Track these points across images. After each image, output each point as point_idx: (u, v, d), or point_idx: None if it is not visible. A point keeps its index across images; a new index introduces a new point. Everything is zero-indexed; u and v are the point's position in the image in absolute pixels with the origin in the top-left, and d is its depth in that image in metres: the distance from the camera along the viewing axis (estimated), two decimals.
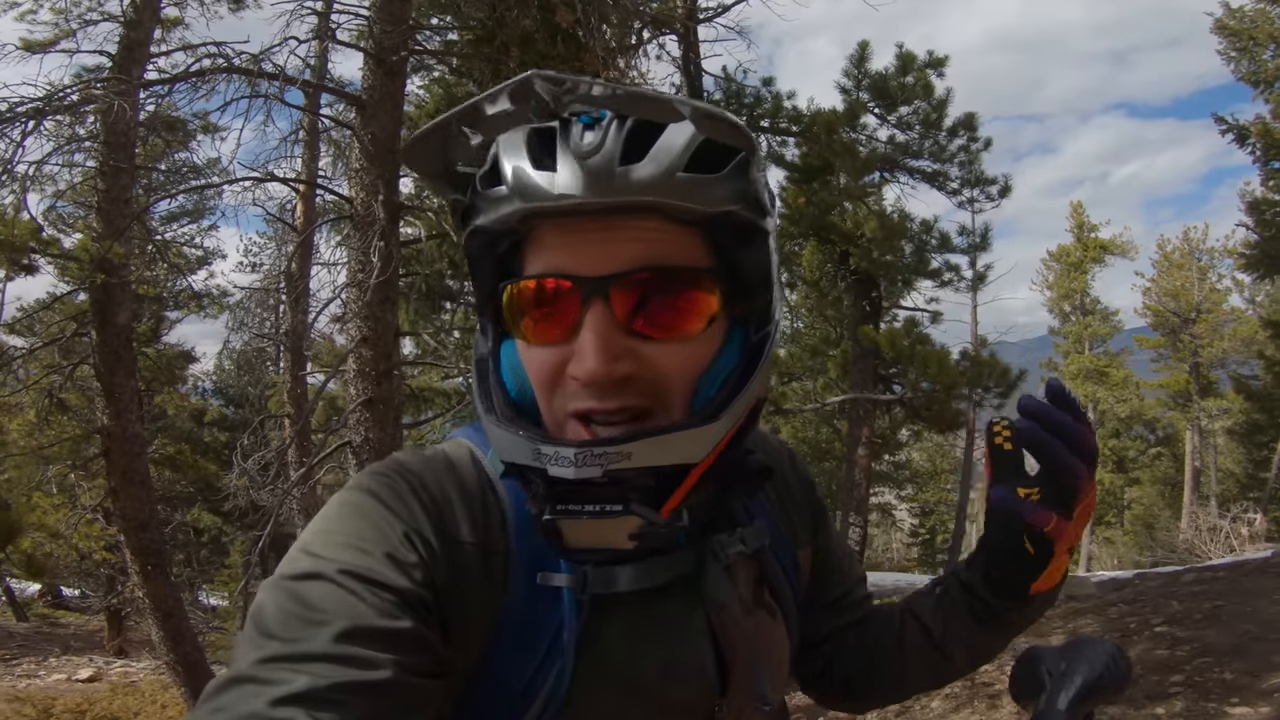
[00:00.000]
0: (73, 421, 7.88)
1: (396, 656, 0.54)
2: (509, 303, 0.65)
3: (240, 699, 0.51)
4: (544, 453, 0.60)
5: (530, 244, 0.65)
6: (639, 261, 0.61)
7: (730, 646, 0.73)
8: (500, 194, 0.61)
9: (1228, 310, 22.97)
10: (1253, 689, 3.96)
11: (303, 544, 0.61)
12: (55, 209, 7.60)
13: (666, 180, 0.59)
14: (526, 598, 0.65)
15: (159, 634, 6.72)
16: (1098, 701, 0.80)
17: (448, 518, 0.64)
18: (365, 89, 5.71)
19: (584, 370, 0.60)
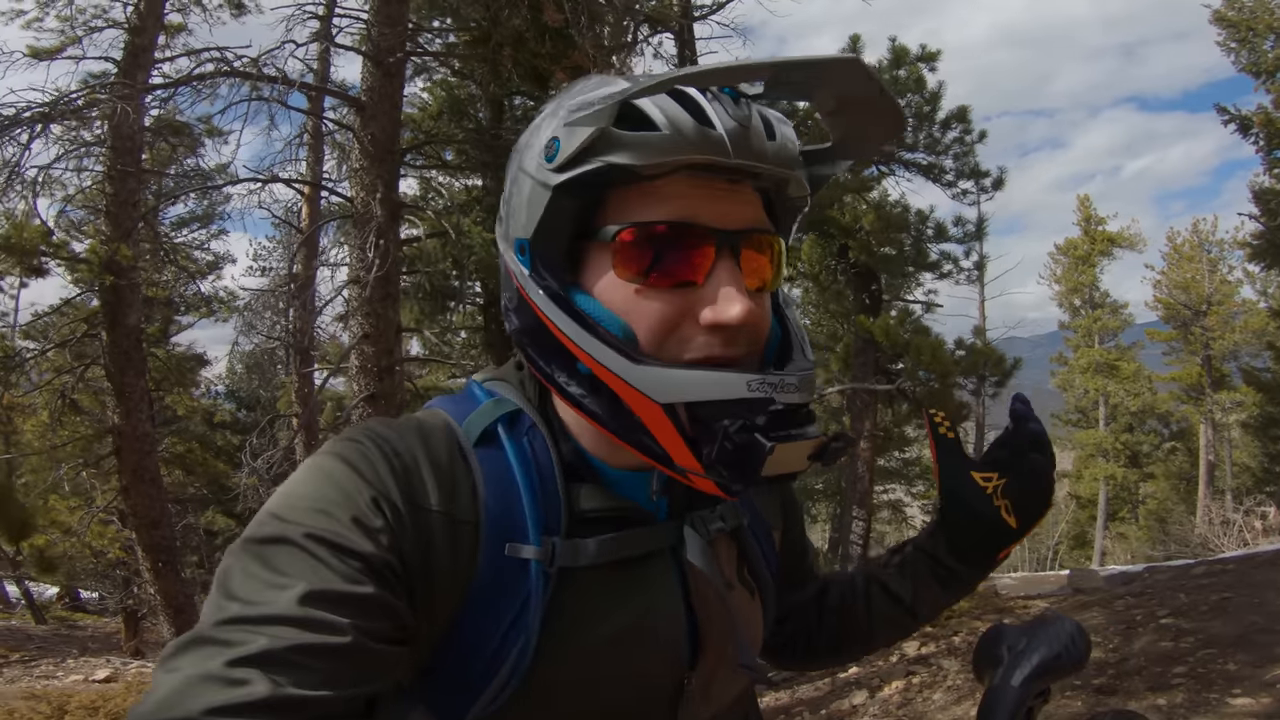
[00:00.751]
0: (85, 421, 7.98)
1: (359, 621, 0.55)
2: (628, 245, 0.65)
3: (197, 659, 0.51)
4: (770, 381, 0.63)
5: (643, 192, 0.65)
6: (753, 222, 0.67)
7: (707, 619, 0.74)
8: (662, 139, 0.62)
9: (1239, 302, 22.71)
10: (1255, 680, 3.92)
11: (270, 508, 0.61)
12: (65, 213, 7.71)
13: (795, 160, 0.68)
14: (494, 568, 0.66)
15: (171, 630, 6.83)
16: (1053, 679, 0.82)
17: (417, 485, 0.64)
18: (365, 90, 5.79)
19: (735, 313, 0.63)
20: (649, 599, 0.72)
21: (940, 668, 5.44)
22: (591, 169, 0.63)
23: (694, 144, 0.62)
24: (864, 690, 5.36)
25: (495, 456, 0.69)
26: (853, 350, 9.87)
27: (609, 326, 0.65)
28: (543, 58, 5.12)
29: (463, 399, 0.76)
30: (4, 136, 4.39)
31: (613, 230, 0.65)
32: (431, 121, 9.30)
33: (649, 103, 0.63)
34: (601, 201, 0.66)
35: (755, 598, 0.82)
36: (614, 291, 0.66)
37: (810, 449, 0.63)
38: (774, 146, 0.65)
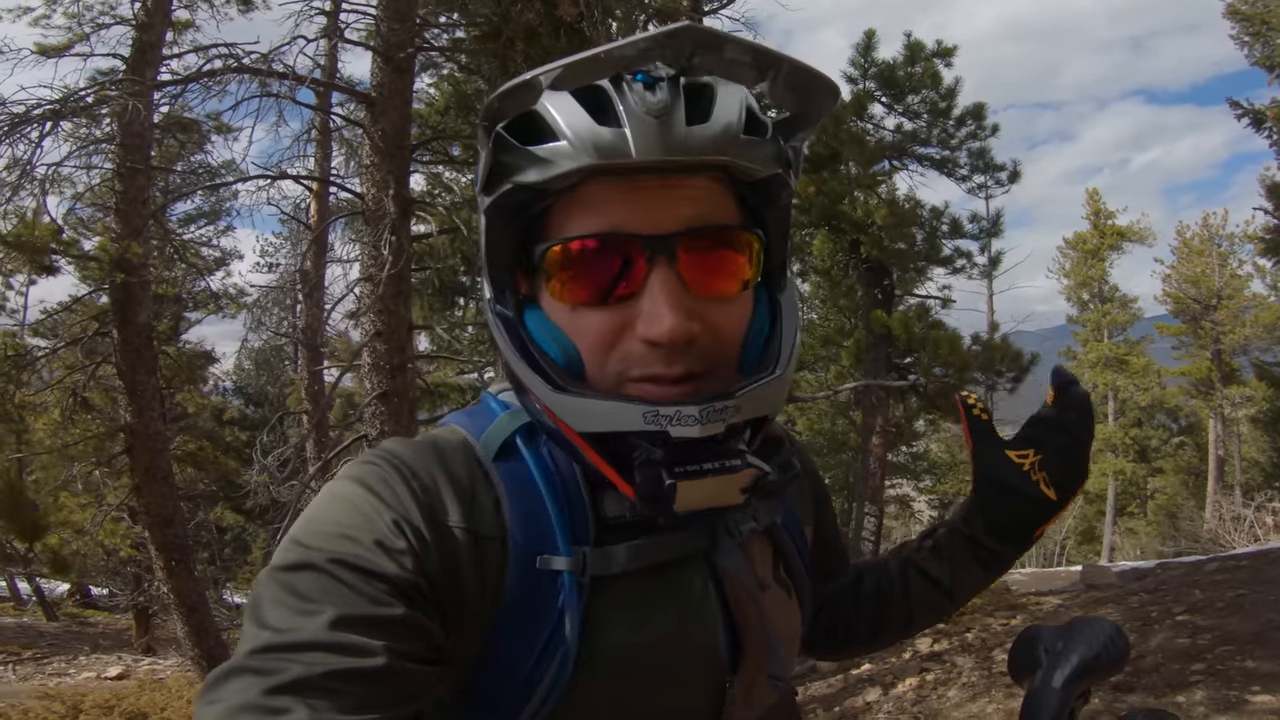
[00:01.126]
0: (96, 420, 8.01)
1: (390, 643, 0.54)
2: (555, 263, 0.63)
3: (236, 690, 0.51)
4: (664, 414, 0.59)
5: (573, 203, 0.62)
6: (696, 220, 0.62)
7: (744, 622, 0.72)
8: (559, 150, 0.59)
9: (1249, 296, 22.60)
10: (1276, 677, 3.92)
11: (293, 535, 0.61)
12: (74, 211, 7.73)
13: (733, 141, 0.60)
14: (526, 582, 0.64)
15: (183, 629, 6.87)
16: (1093, 680, 0.81)
17: (438, 504, 0.63)
18: (374, 86, 5.76)
19: (661, 330, 0.60)
20: (684, 604, 0.70)
21: (954, 664, 5.44)
22: (505, 190, 0.62)
23: (592, 148, 0.58)
24: (878, 687, 5.35)
25: (517, 469, 0.68)
26: (864, 346, 9.84)
27: (553, 347, 0.65)
28: (555, 53, 5.07)
29: (478, 412, 0.74)
30: (15, 134, 4.39)
31: (541, 250, 0.63)
32: (438, 117, 9.30)
33: (552, 109, 0.60)
34: (542, 216, 0.64)
35: (792, 596, 0.81)
36: (557, 311, 0.65)
37: (740, 482, 0.61)
38: (702, 132, 0.59)
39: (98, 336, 6.99)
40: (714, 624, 0.72)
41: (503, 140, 0.62)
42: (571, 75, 0.58)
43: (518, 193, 0.62)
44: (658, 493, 0.60)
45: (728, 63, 0.60)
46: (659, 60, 0.59)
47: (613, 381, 0.64)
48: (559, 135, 0.59)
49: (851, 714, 5.09)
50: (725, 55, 0.59)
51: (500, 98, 0.59)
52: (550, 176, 0.59)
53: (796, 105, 0.65)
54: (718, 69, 0.61)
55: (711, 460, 0.60)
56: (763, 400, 0.64)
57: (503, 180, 0.62)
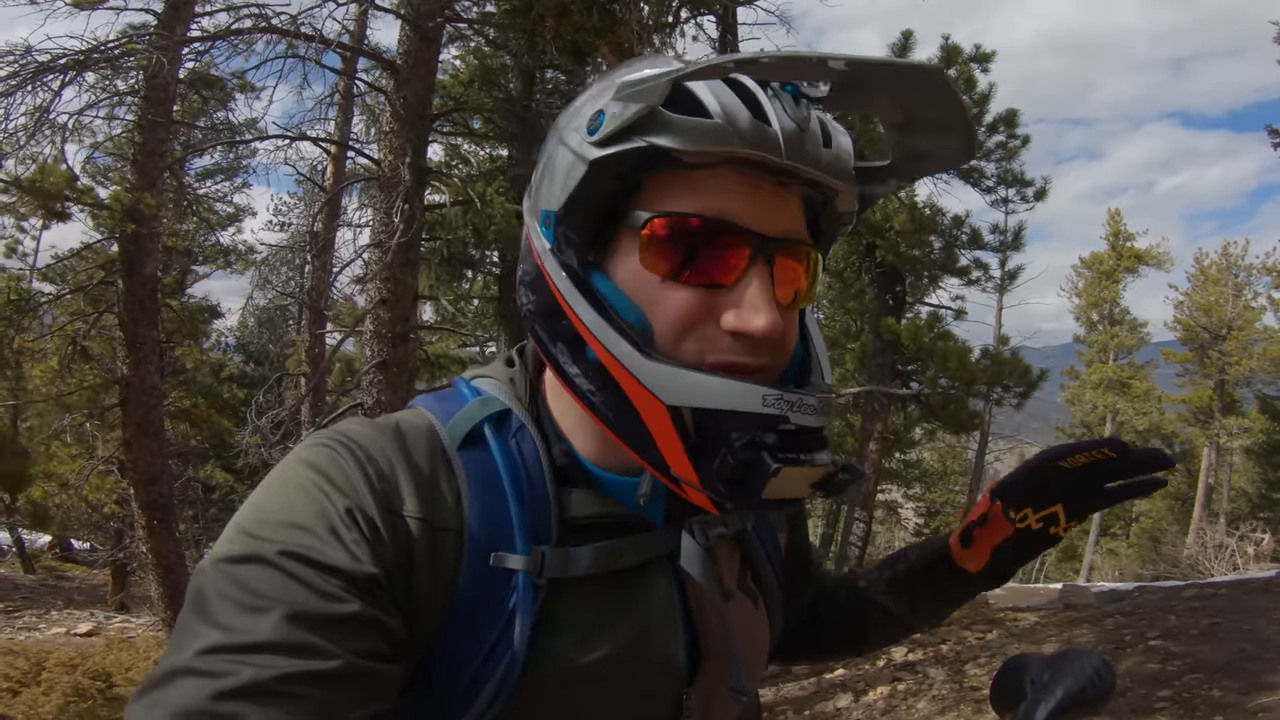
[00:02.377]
0: (94, 370, 8.00)
1: (347, 642, 0.52)
2: (659, 233, 0.61)
3: (180, 693, 0.48)
4: (788, 399, 0.59)
5: (684, 181, 0.61)
6: (793, 232, 0.64)
7: (706, 631, 0.71)
8: (710, 124, 0.58)
9: (1260, 329, 22.54)
10: (1240, 707, 3.95)
11: (239, 523, 0.58)
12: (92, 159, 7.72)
13: (848, 171, 0.64)
14: (478, 579, 0.62)
15: (159, 590, 6.79)
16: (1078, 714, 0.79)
17: (394, 493, 0.60)
18: (401, 54, 5.76)
19: (761, 323, 0.60)
20: (645, 611, 0.69)
21: (926, 675, 5.50)
22: (633, 147, 0.60)
23: (745, 137, 0.58)
24: (849, 693, 5.42)
25: (481, 459, 0.65)
26: (870, 351, 9.83)
27: (626, 316, 0.62)
28: (587, 31, 5.04)
29: (448, 397, 0.72)
30: (36, 82, 4.40)
31: (644, 217, 0.61)
32: (461, 89, 9.26)
33: (704, 88, 0.60)
34: (639, 184, 0.62)
35: (759, 606, 0.80)
36: (637, 281, 0.63)
37: (816, 477, 0.61)
38: (829, 155, 0.62)
39: (103, 285, 6.99)
40: (675, 633, 0.70)
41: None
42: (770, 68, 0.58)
43: (648, 153, 0.60)
44: (755, 477, 0.58)
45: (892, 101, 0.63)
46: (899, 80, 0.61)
47: (685, 361, 0.62)
48: (711, 114, 0.59)
49: (822, 718, 5.16)
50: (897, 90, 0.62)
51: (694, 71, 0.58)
52: (695, 149, 0.59)
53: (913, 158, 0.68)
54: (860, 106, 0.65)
55: (809, 452, 0.60)
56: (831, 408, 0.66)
57: (635, 136, 0.60)
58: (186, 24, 5.42)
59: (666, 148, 0.59)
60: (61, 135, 5.39)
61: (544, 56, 7.83)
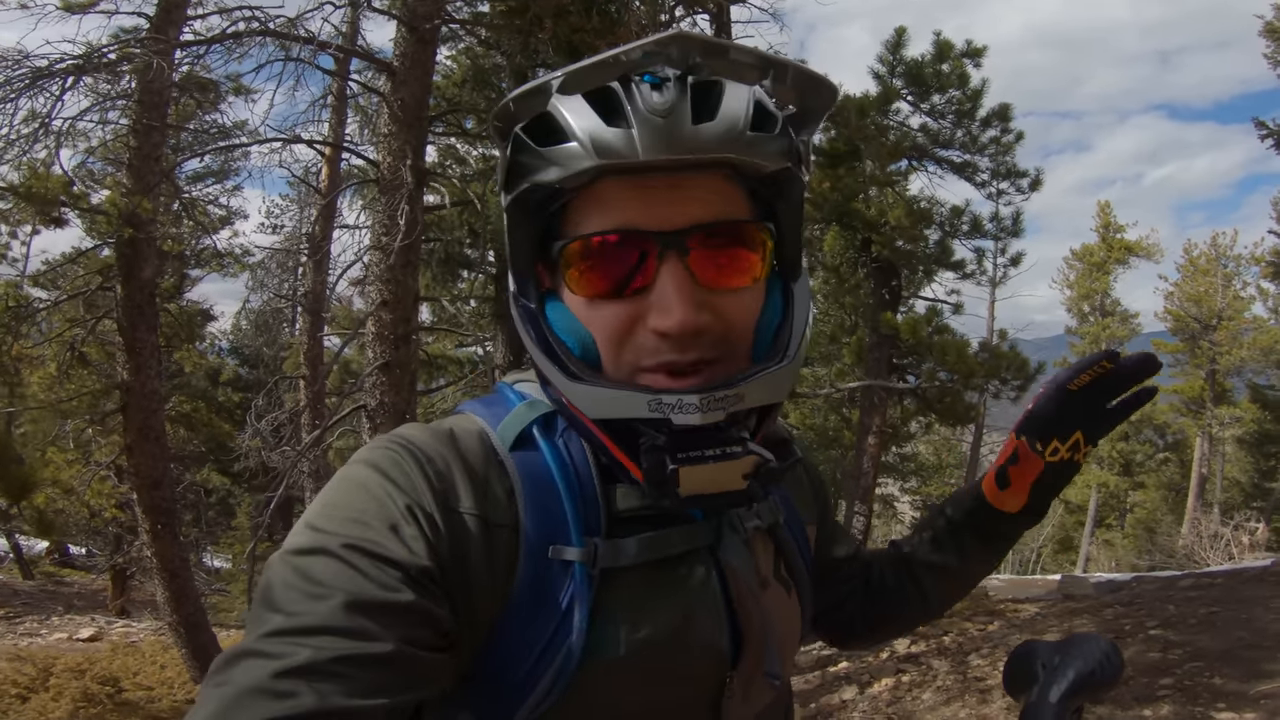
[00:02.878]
0: (93, 376, 7.95)
1: (399, 629, 0.55)
2: (572, 258, 0.65)
3: (244, 672, 0.52)
4: (666, 402, 0.62)
5: (588, 200, 0.64)
6: (706, 216, 0.64)
7: (746, 618, 0.74)
8: (571, 151, 0.61)
9: (1249, 319, 22.69)
10: (1241, 695, 4.00)
11: (307, 519, 0.62)
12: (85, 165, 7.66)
13: (738, 138, 0.62)
14: (536, 572, 0.65)
15: (164, 594, 6.77)
16: (1089, 696, 0.82)
17: (451, 491, 0.64)
18: (397, 56, 5.75)
19: (672, 321, 0.62)
20: (690, 598, 0.71)
21: (930, 667, 5.55)
22: (522, 189, 0.64)
23: (604, 149, 0.60)
24: (854, 685, 5.46)
25: (532, 459, 0.69)
26: (867, 345, 9.86)
27: (571, 338, 0.67)
28: (585, 32, 5.04)
29: (494, 402, 0.76)
30: (35, 88, 4.38)
31: (559, 246, 0.66)
32: (455, 89, 9.23)
33: (564, 110, 0.62)
34: (561, 213, 0.66)
35: (791, 594, 0.83)
36: (575, 303, 0.67)
37: (743, 469, 0.63)
38: (710, 129, 0.61)
39: (100, 291, 6.95)
40: (717, 619, 0.73)
41: (519, 141, 0.65)
42: (578, 80, 0.61)
43: (535, 191, 0.64)
44: (661, 476, 0.62)
45: (732, 64, 0.63)
46: (664, 63, 0.62)
47: (627, 371, 0.66)
48: (570, 136, 0.61)
49: (827, 711, 5.19)
50: (729, 58, 0.62)
51: (514, 101, 0.63)
52: (564, 176, 0.62)
53: (800, 103, 0.69)
54: (723, 71, 0.63)
55: (714, 446, 0.63)
56: (768, 388, 0.66)
57: (521, 179, 0.65)
58: (179, 27, 5.39)
59: (542, 182, 0.63)
60: (56, 141, 5.36)
61: (537, 56, 7.83)
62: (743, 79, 0.64)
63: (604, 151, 0.60)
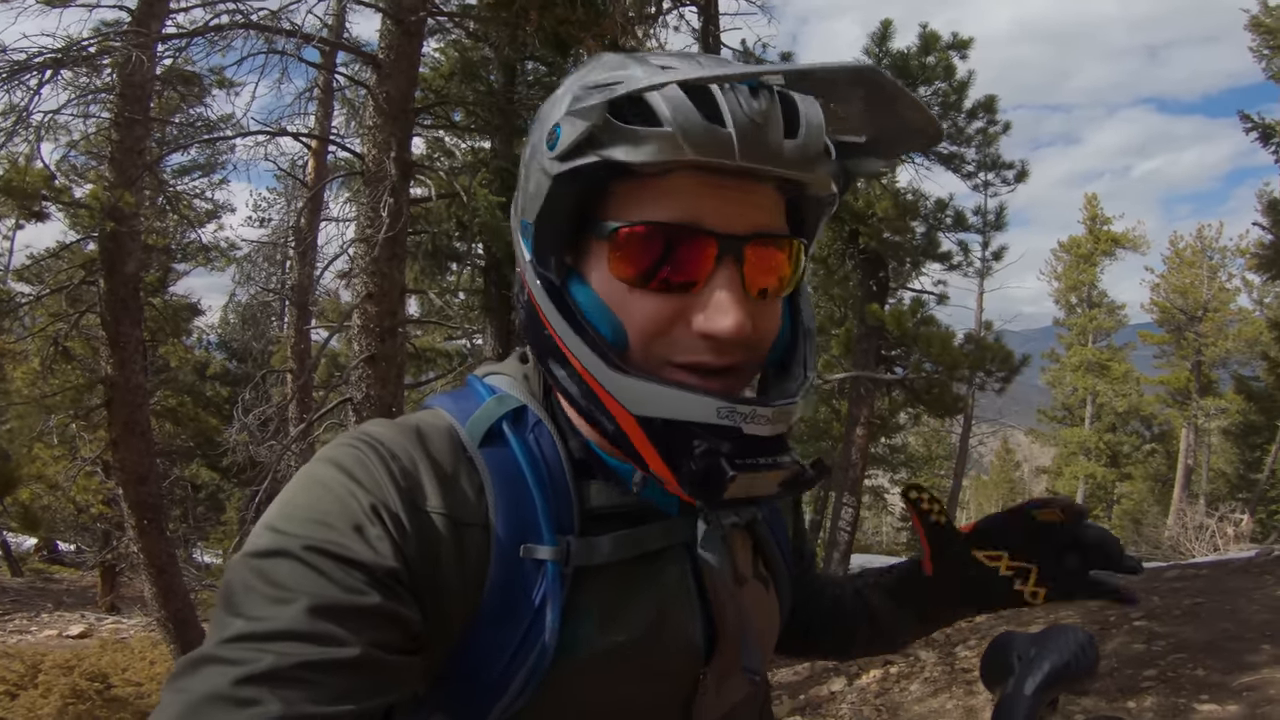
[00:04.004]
0: (77, 370, 7.89)
1: (365, 633, 0.54)
2: (625, 242, 0.63)
3: (204, 680, 0.50)
4: (740, 411, 0.61)
5: (652, 188, 0.62)
6: (763, 226, 0.64)
7: (721, 614, 0.73)
8: (661, 134, 0.59)
9: (1235, 310, 22.88)
10: (1224, 687, 4.04)
11: (267, 520, 0.60)
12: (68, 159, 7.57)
13: (816, 158, 0.63)
14: (507, 571, 0.64)
15: (152, 590, 6.74)
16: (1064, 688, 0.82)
17: (418, 490, 0.62)
18: (383, 48, 5.70)
19: (728, 325, 0.61)
20: (665, 595, 0.71)
21: (918, 659, 5.59)
22: (588, 162, 0.61)
23: (697, 144, 0.59)
24: (842, 677, 5.50)
25: (502, 455, 0.67)
26: (855, 337, 9.90)
27: (600, 323, 0.65)
28: (571, 24, 5.01)
29: (463, 396, 0.74)
30: (14, 81, 4.31)
31: (610, 227, 0.63)
32: (443, 81, 9.17)
33: (660, 95, 0.60)
34: (606, 192, 0.64)
35: (770, 591, 0.83)
36: (609, 288, 0.65)
37: (781, 477, 0.63)
38: (793, 145, 0.61)
39: (84, 285, 6.89)
40: (692, 615, 0.73)
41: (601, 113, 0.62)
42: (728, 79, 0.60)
43: (603, 166, 0.61)
44: (717, 482, 0.60)
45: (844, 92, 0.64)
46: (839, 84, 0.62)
47: (655, 364, 0.64)
48: (663, 122, 0.59)
49: (816, 703, 5.23)
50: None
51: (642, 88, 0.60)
52: (647, 160, 0.60)
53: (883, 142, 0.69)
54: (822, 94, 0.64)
55: (768, 455, 0.63)
56: (810, 402, 0.68)
57: (589, 151, 0.61)
58: (161, 20, 5.32)
59: (619, 161, 0.60)
60: (37, 134, 5.28)
61: (525, 49, 7.78)
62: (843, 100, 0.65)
63: (701, 146, 0.59)
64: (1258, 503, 18.54)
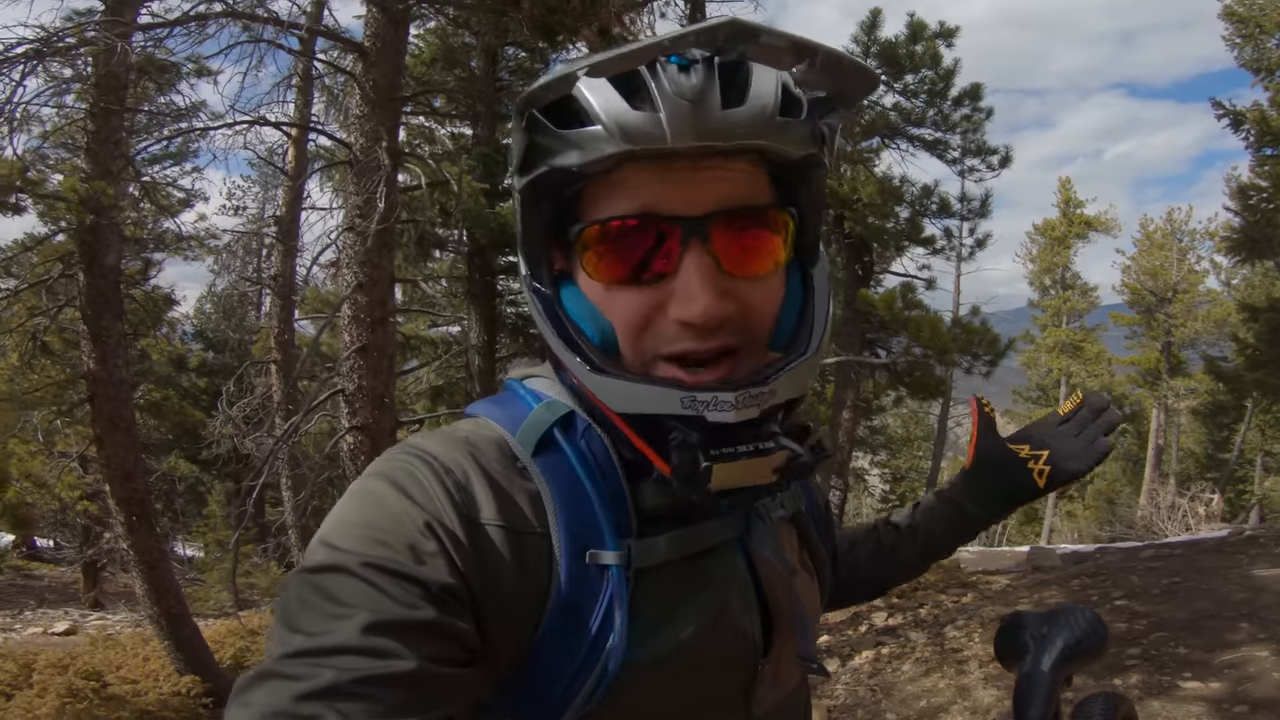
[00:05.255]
0: (57, 366, 7.72)
1: (422, 648, 0.54)
2: (590, 242, 0.64)
3: (267, 695, 0.51)
4: (700, 400, 0.61)
5: (608, 184, 0.62)
6: (729, 201, 0.62)
7: (777, 605, 0.75)
8: (594, 134, 0.59)
9: (1203, 292, 23.40)
10: (1206, 664, 4.16)
11: (323, 535, 0.60)
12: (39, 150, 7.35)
13: (767, 124, 0.61)
14: (574, 578, 0.64)
15: (143, 587, 6.67)
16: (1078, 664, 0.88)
17: (472, 503, 0.63)
18: (368, 36, 5.62)
19: (695, 311, 0.61)
20: (722, 591, 0.72)
21: (908, 639, 5.70)
22: (539, 173, 0.62)
23: (628, 134, 0.58)
24: (835, 658, 5.60)
25: (558, 463, 0.67)
26: (841, 321, 9.99)
27: (589, 325, 0.66)
28: (563, 13, 4.95)
29: (506, 402, 0.74)
30: None
31: (577, 229, 0.64)
32: (424, 68, 9.05)
33: (589, 94, 0.60)
34: (578, 196, 0.64)
35: (814, 580, 0.85)
36: (592, 289, 0.65)
37: (774, 463, 0.63)
38: (737, 115, 0.59)
39: (62, 278, 6.73)
40: (748, 609, 0.74)
41: (537, 122, 0.63)
42: (608, 67, 0.58)
43: (553, 175, 0.62)
44: (693, 473, 0.61)
45: (763, 48, 0.60)
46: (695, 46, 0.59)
47: (647, 359, 0.65)
48: (594, 120, 0.59)
49: (811, 684, 5.33)
50: (761, 42, 0.60)
51: (540, 88, 0.61)
52: (586, 161, 0.60)
53: (832, 88, 0.67)
54: (753, 55, 0.61)
55: (746, 443, 0.62)
56: (796, 382, 0.66)
57: (539, 163, 0.63)
58: (136, 9, 5.17)
59: (563, 166, 0.61)
60: (10, 125, 5.13)
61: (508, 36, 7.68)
62: (773, 63, 0.62)
63: (630, 136, 0.58)
64: (1226, 482, 19.06)
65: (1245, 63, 11.74)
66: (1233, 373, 17.93)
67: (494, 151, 9.64)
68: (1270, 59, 11.32)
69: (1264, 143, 11.25)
